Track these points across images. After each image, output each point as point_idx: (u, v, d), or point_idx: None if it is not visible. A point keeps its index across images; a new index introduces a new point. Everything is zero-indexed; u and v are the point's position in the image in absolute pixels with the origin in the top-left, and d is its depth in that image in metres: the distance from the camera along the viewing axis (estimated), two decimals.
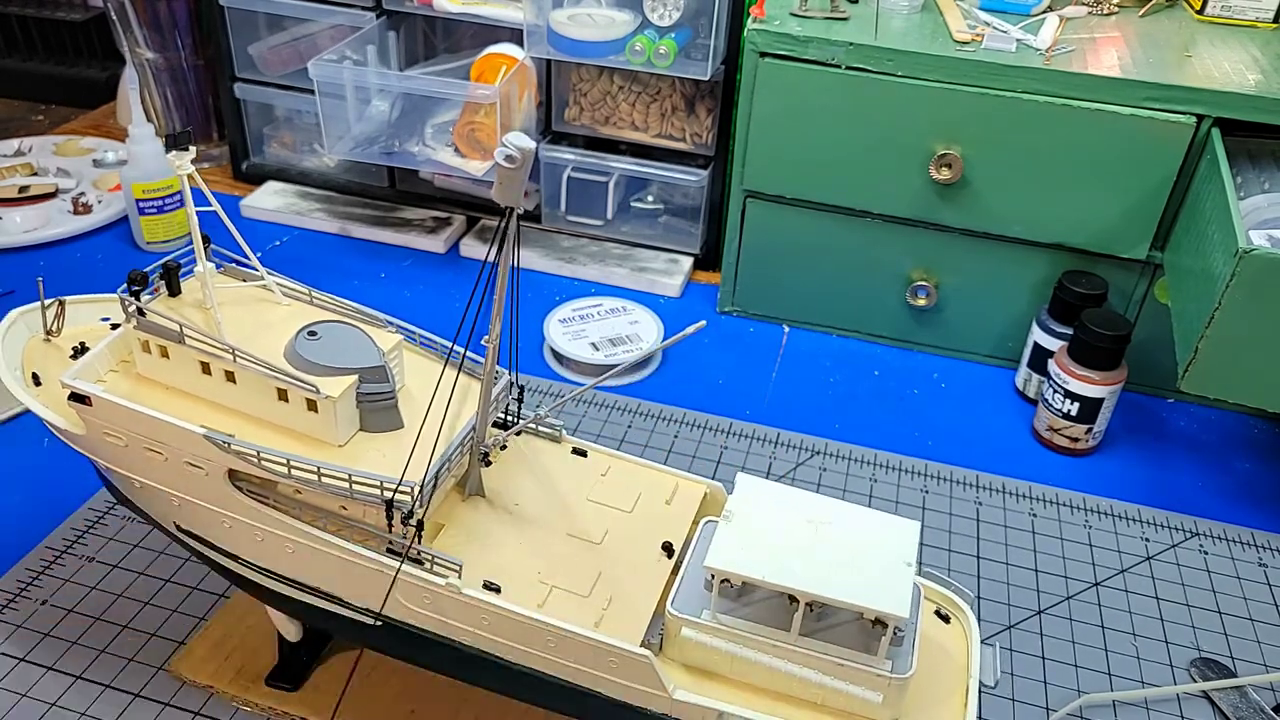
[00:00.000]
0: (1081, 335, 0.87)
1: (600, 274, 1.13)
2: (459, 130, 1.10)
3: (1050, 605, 0.75)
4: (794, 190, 1.00)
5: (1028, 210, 0.94)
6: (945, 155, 0.92)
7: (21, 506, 0.77)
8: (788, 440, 0.90)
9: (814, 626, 0.48)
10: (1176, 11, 1.05)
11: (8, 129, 1.40)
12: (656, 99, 1.10)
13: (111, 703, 0.62)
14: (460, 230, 1.19)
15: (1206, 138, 0.86)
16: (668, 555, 0.54)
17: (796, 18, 0.95)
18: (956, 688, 0.51)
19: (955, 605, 0.54)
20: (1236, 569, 0.79)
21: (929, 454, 0.90)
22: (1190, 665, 0.71)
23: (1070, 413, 0.89)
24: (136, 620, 0.68)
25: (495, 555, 0.52)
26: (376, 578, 0.51)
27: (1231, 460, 0.93)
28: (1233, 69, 0.89)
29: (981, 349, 1.04)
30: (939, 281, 1.01)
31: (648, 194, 1.20)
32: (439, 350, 0.60)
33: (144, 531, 0.74)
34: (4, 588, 0.69)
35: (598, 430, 0.89)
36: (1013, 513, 0.83)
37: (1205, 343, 0.73)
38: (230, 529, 0.54)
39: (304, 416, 0.52)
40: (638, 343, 1.00)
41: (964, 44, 0.92)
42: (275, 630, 0.62)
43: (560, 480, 0.58)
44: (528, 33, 1.05)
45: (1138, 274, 0.95)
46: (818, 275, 1.04)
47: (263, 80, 1.21)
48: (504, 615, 0.49)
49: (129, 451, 0.53)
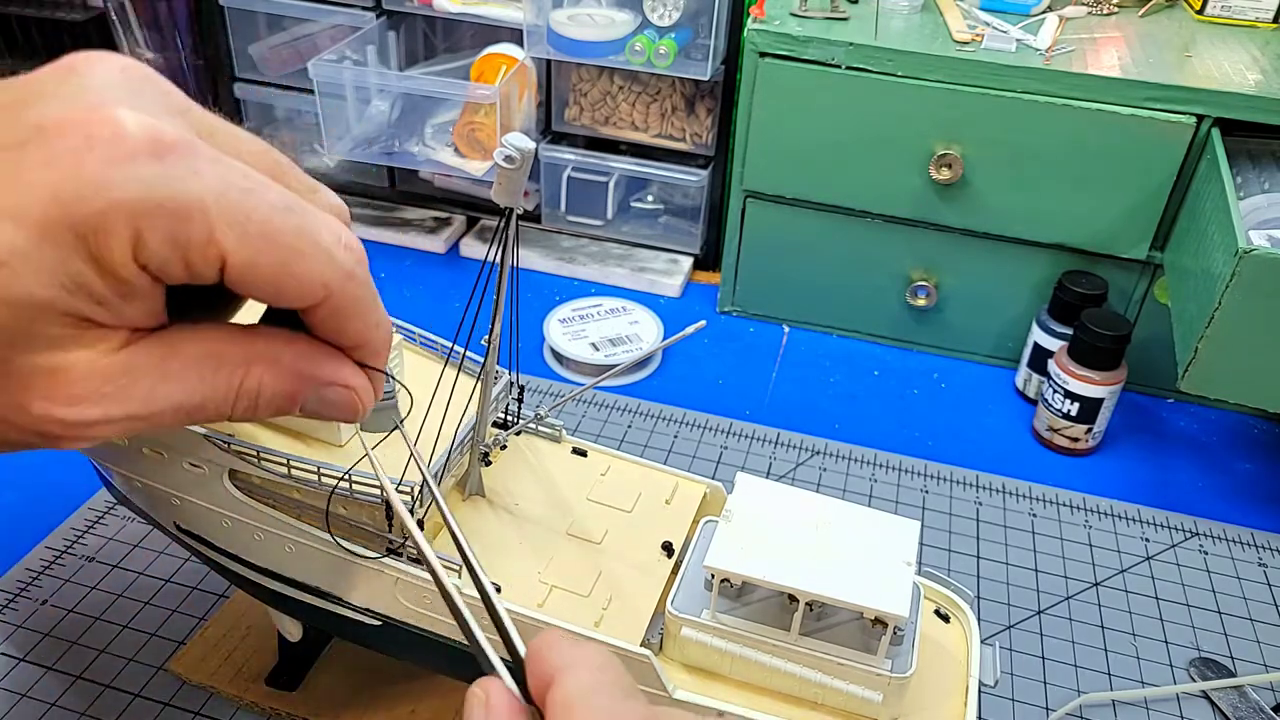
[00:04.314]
0: (1081, 335, 0.87)
1: (600, 274, 1.13)
2: (459, 130, 1.10)
3: (1050, 605, 0.75)
4: (794, 190, 1.00)
5: (1028, 210, 0.94)
6: (945, 155, 0.92)
7: (21, 506, 0.77)
8: (788, 440, 0.90)
9: (814, 626, 0.48)
10: (1176, 11, 1.05)
11: None
12: (656, 99, 1.10)
13: (111, 703, 0.62)
14: (460, 230, 1.19)
15: (1206, 138, 0.86)
16: (668, 555, 0.54)
17: (796, 18, 0.95)
18: (956, 687, 0.51)
19: (955, 605, 0.54)
20: (1236, 569, 0.79)
21: (929, 454, 0.90)
22: (1190, 665, 0.71)
23: (1070, 413, 0.89)
24: (136, 620, 0.68)
25: (495, 555, 0.52)
26: (377, 578, 0.51)
27: (1231, 460, 0.93)
28: (1233, 69, 0.89)
29: (981, 349, 1.04)
30: (939, 281, 1.01)
31: (648, 194, 1.20)
32: (439, 350, 0.60)
33: (144, 531, 0.74)
34: (4, 588, 0.69)
35: (598, 430, 0.89)
36: (1013, 513, 0.83)
37: (1205, 343, 0.73)
38: (230, 529, 0.54)
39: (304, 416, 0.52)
40: (638, 343, 1.00)
41: (964, 44, 0.92)
42: (275, 630, 0.62)
43: (560, 480, 0.58)
44: (528, 33, 1.05)
45: (1138, 274, 0.95)
46: (818, 275, 1.04)
47: (263, 80, 1.21)
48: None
49: (129, 451, 0.53)
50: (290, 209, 0.34)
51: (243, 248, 0.32)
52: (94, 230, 0.30)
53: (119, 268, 0.31)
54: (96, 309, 0.32)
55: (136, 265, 0.31)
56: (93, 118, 0.31)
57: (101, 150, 0.30)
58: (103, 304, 0.32)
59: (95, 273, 0.31)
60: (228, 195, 0.32)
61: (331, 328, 0.37)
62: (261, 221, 0.33)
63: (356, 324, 0.37)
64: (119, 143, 0.30)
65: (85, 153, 0.30)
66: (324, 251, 0.34)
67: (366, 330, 0.38)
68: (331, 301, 0.35)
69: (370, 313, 0.37)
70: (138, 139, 0.31)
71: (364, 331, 0.38)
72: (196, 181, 0.31)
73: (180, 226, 0.31)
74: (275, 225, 0.33)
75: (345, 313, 0.36)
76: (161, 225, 0.31)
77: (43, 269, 0.30)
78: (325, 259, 0.34)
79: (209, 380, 0.35)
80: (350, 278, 0.36)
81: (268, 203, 0.33)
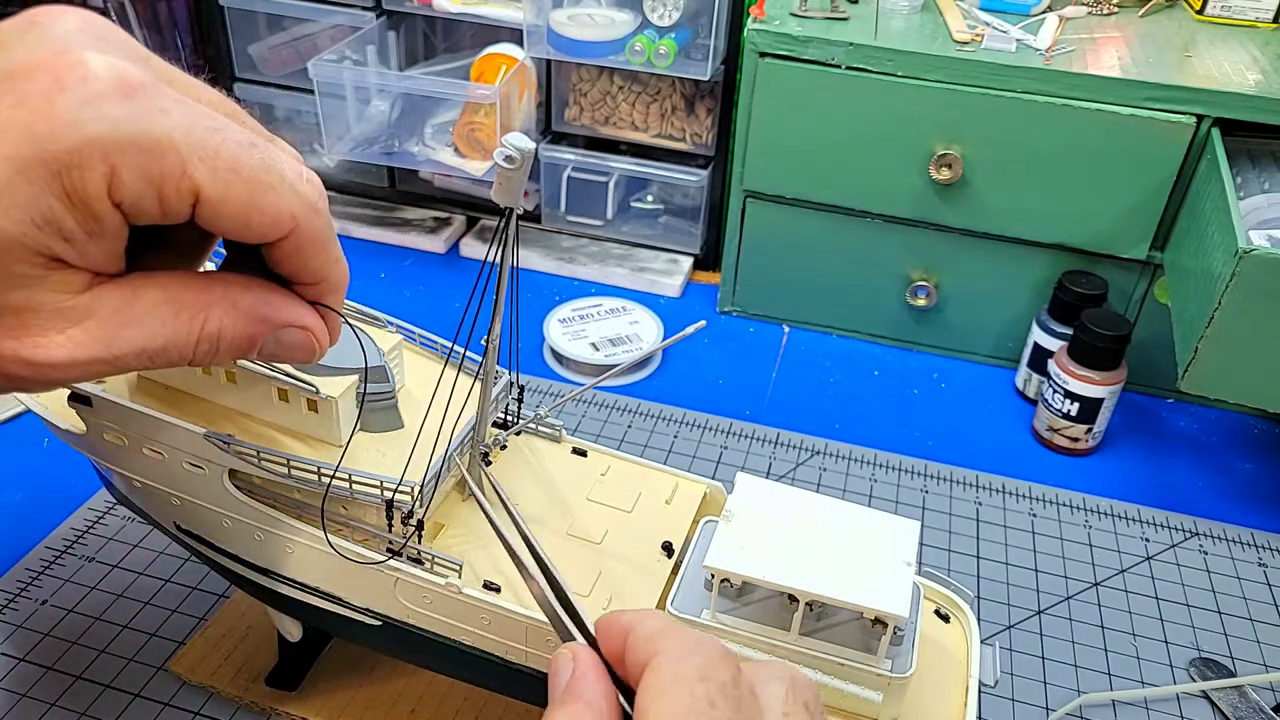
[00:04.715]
0: (1081, 335, 0.87)
1: (600, 274, 1.13)
2: (459, 130, 1.10)
3: (1050, 605, 0.75)
4: (794, 190, 1.00)
5: (1028, 210, 0.94)
6: (945, 155, 0.92)
7: (21, 506, 0.77)
8: (788, 440, 0.90)
9: (814, 626, 0.48)
10: (1176, 11, 1.05)
11: None
12: (656, 99, 1.10)
13: (111, 703, 0.62)
14: (460, 230, 1.19)
15: (1206, 138, 0.86)
16: (667, 555, 0.54)
17: (796, 18, 0.95)
18: (956, 687, 0.51)
19: (955, 605, 0.54)
20: (1236, 569, 0.79)
21: (929, 454, 0.90)
22: (1190, 665, 0.71)
23: (1070, 413, 0.89)
24: (136, 620, 0.68)
25: (495, 555, 0.52)
26: (377, 578, 0.51)
27: (1231, 460, 0.93)
28: (1233, 69, 0.89)
29: (981, 349, 1.04)
30: (939, 281, 1.01)
31: (648, 194, 1.20)
32: (439, 350, 0.60)
33: (144, 531, 0.74)
34: (4, 588, 0.69)
35: (598, 430, 0.89)
36: (1013, 513, 0.83)
37: (1205, 343, 0.73)
38: (230, 529, 0.54)
39: (304, 417, 0.52)
40: (638, 343, 1.00)
41: (964, 44, 0.92)
42: (275, 630, 0.62)
43: (560, 480, 0.58)
44: (528, 33, 1.05)
45: (1138, 274, 0.95)
46: (818, 275, 1.04)
47: (263, 80, 1.21)
48: (504, 615, 0.49)
49: (129, 451, 0.53)
50: (254, 144, 0.35)
51: (214, 181, 0.33)
52: (69, 166, 0.31)
53: (93, 201, 0.32)
54: (65, 247, 0.32)
55: (110, 202, 0.32)
56: (59, 61, 0.31)
57: (73, 91, 0.31)
58: (70, 241, 0.32)
59: (67, 209, 0.32)
60: (195, 132, 0.33)
61: (296, 263, 0.38)
62: (230, 157, 0.34)
63: (320, 257, 0.38)
64: (89, 83, 0.31)
65: (56, 94, 0.31)
66: (288, 185, 0.36)
67: (328, 264, 0.39)
68: (297, 234, 0.37)
69: (331, 247, 0.39)
70: (105, 79, 0.31)
71: (326, 265, 0.39)
72: (165, 119, 0.32)
73: (154, 162, 0.32)
74: (243, 160, 0.34)
75: (309, 246, 0.37)
76: (136, 161, 0.32)
77: (15, 205, 0.31)
78: (290, 192, 0.36)
79: (170, 324, 0.36)
80: (315, 210, 0.37)
81: (234, 140, 0.34)
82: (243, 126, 0.36)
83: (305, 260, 0.38)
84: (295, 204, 0.36)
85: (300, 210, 0.36)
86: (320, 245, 0.38)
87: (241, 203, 0.34)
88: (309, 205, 0.37)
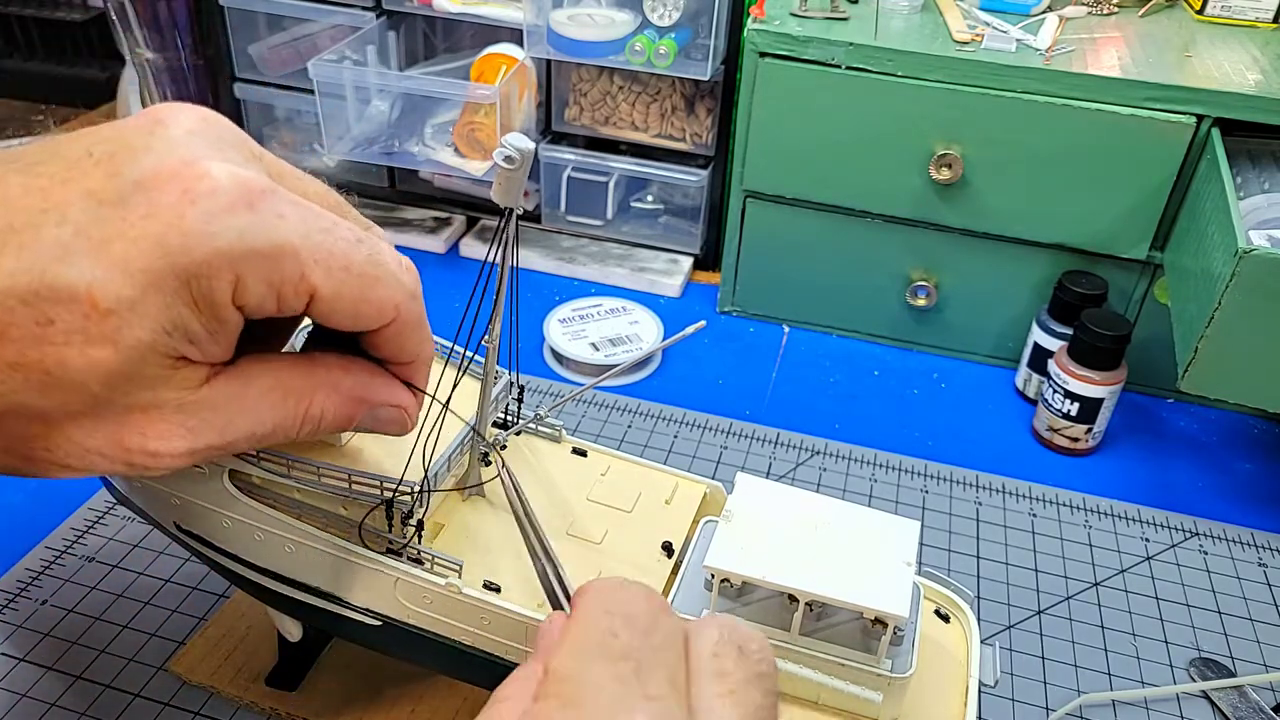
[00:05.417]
0: (1081, 335, 0.87)
1: (600, 274, 1.13)
2: (459, 130, 1.10)
3: (1050, 605, 0.75)
4: (794, 190, 1.00)
5: (1028, 210, 0.94)
6: (945, 155, 0.92)
7: (21, 506, 0.77)
8: (788, 440, 0.90)
9: (814, 626, 0.48)
10: (1176, 11, 1.05)
11: (7, 129, 1.40)
12: (656, 99, 1.10)
13: (111, 703, 0.62)
14: (460, 230, 1.19)
15: (1206, 138, 0.86)
16: (667, 555, 0.54)
17: (796, 18, 0.95)
18: (956, 688, 0.51)
19: (955, 605, 0.54)
20: (1236, 569, 0.80)
21: (929, 454, 0.90)
22: (1190, 665, 0.71)
23: (1070, 413, 0.89)
24: (136, 620, 0.68)
25: (495, 555, 0.52)
26: (376, 578, 0.51)
27: (1231, 460, 0.93)
28: (1233, 69, 0.89)
29: (981, 349, 1.04)
30: (939, 281, 1.01)
31: (648, 194, 1.20)
32: (439, 350, 0.60)
33: (144, 531, 0.74)
34: (4, 588, 0.69)
35: (598, 430, 0.89)
36: (1013, 513, 0.83)
37: (1205, 343, 0.73)
38: (230, 529, 0.54)
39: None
40: (638, 343, 1.00)
41: (964, 44, 0.92)
42: (275, 630, 0.62)
43: (560, 480, 0.58)
44: (528, 33, 1.05)
45: (1138, 274, 0.95)
46: (818, 275, 1.04)
47: (263, 80, 1.21)
48: (504, 615, 0.49)
49: None
50: (361, 241, 0.38)
51: (329, 281, 0.36)
52: (198, 276, 0.33)
53: (220, 308, 0.34)
54: (190, 348, 0.35)
55: (234, 306, 0.35)
56: (186, 172, 0.33)
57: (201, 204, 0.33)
58: (195, 343, 0.35)
59: (194, 314, 0.34)
60: (311, 236, 0.35)
61: (394, 345, 0.41)
62: (342, 255, 0.36)
63: (415, 340, 0.41)
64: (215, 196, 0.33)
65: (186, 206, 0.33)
66: (393, 276, 0.39)
67: (421, 344, 0.42)
68: (399, 320, 0.39)
69: (425, 328, 0.42)
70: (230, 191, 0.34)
71: (419, 345, 0.42)
72: (284, 225, 0.35)
73: (276, 268, 0.34)
74: (353, 258, 0.37)
75: (407, 330, 0.40)
76: (259, 268, 0.34)
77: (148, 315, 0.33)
78: (395, 283, 0.39)
79: (279, 409, 0.38)
80: (414, 298, 0.40)
81: (344, 238, 0.37)
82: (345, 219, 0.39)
83: (403, 342, 0.41)
84: (399, 294, 0.39)
85: (402, 300, 0.39)
86: (417, 328, 0.41)
87: (353, 298, 0.37)
88: (410, 294, 0.39)
